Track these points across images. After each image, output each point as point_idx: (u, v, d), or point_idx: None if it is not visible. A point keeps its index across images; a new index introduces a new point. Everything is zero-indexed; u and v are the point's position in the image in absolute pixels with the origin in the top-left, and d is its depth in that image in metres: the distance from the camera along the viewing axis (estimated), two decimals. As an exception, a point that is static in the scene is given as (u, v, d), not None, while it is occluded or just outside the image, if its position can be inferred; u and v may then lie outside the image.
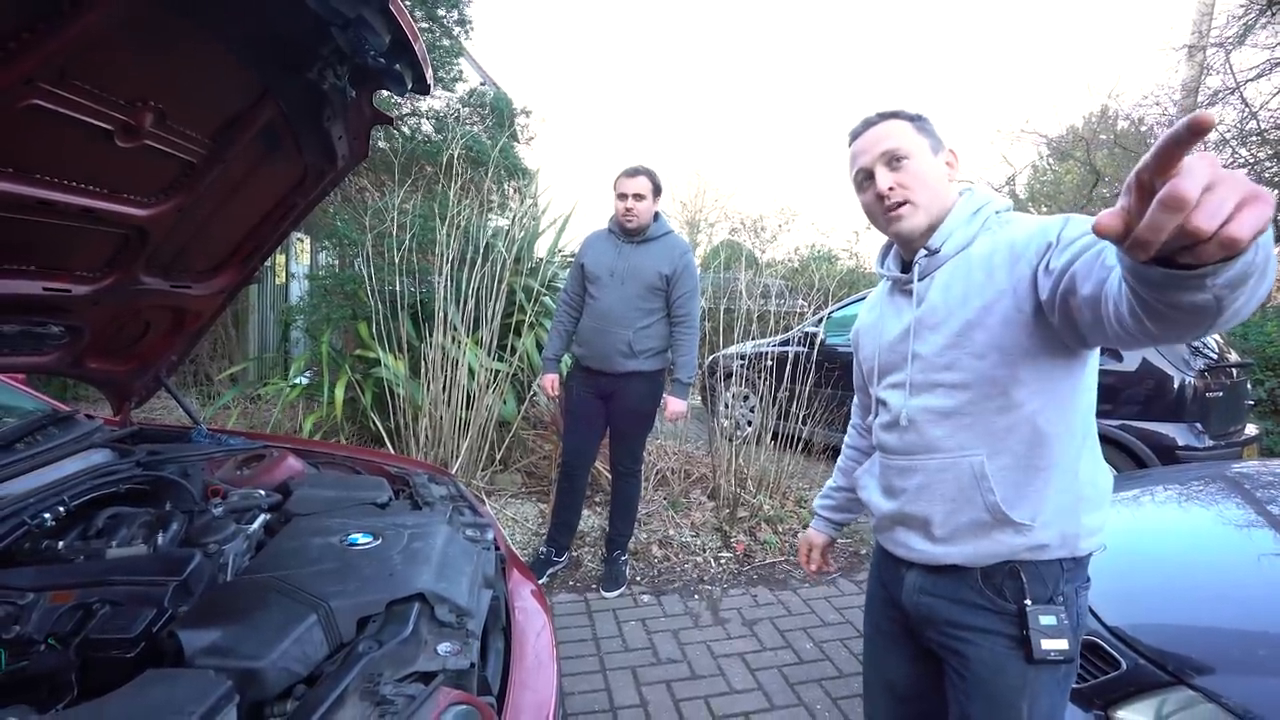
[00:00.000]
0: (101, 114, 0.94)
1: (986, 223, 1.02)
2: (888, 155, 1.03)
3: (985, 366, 0.95)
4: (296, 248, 5.72)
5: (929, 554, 1.03)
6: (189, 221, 1.30)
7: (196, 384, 5.25)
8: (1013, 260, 0.93)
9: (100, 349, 1.50)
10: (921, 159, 1.03)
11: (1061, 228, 0.88)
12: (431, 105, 4.87)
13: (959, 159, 1.08)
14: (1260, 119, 6.98)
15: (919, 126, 1.04)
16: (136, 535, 1.12)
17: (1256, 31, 6.61)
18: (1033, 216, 0.98)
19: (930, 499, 1.02)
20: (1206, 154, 0.56)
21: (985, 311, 0.94)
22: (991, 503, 0.96)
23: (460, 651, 0.92)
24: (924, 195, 1.03)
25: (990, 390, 0.95)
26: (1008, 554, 0.97)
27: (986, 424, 0.96)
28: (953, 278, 1.01)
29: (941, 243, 1.02)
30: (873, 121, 1.06)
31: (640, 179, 2.48)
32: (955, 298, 0.99)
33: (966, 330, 0.96)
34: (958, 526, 1.00)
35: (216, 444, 1.60)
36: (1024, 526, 0.95)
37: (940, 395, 1.00)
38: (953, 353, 0.99)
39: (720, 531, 3.28)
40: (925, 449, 1.03)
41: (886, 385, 1.11)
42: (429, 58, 1.21)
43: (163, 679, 0.73)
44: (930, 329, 1.02)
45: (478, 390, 3.26)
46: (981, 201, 1.04)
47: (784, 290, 5.16)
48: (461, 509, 1.49)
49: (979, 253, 0.99)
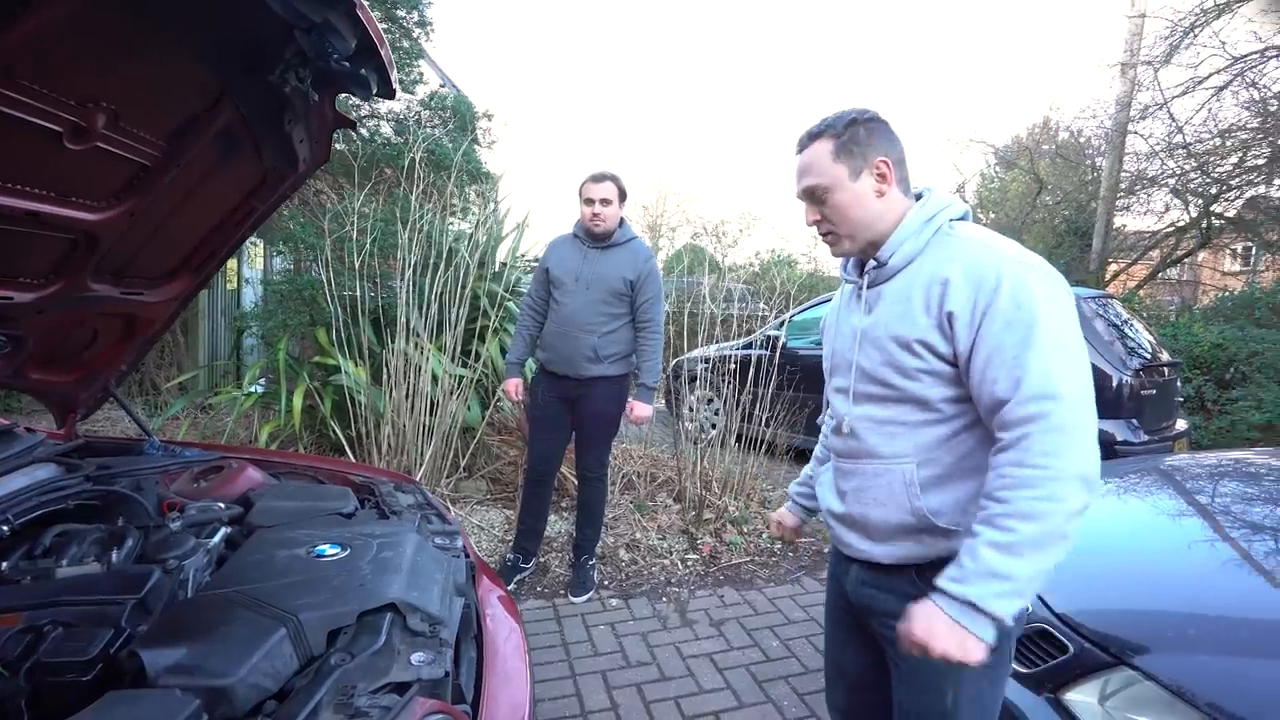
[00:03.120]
0: (50, 115, 0.90)
1: (939, 231, 1.02)
2: (807, 192, 1.05)
3: (916, 387, 0.99)
4: (250, 252, 5.54)
5: (867, 553, 1.08)
6: (142, 226, 1.25)
7: (142, 393, 5.02)
8: (937, 305, 0.96)
9: (44, 359, 1.43)
10: (839, 190, 1.03)
11: (978, 328, 0.92)
12: (391, 108, 4.78)
13: (893, 166, 1.04)
14: (1186, 133, 7.43)
15: (840, 147, 1.02)
16: (88, 553, 1.07)
17: (1181, 52, 7.04)
18: (976, 245, 0.97)
19: (866, 502, 1.06)
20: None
21: (916, 340, 0.98)
22: (918, 509, 1.00)
23: (434, 661, 0.92)
24: (845, 226, 1.05)
25: (920, 406, 1.00)
26: (937, 554, 1.00)
27: (917, 435, 1.01)
28: (897, 294, 1.02)
29: (889, 255, 1.03)
30: (801, 145, 1.07)
31: (607, 184, 2.49)
32: (894, 316, 1.01)
33: (900, 350, 1.00)
34: (889, 529, 1.04)
35: (171, 456, 1.55)
36: (950, 532, 0.98)
37: (876, 405, 1.04)
38: (886, 370, 1.02)
39: (686, 534, 3.31)
40: (865, 454, 1.06)
41: (834, 388, 1.15)
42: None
43: (126, 700, 0.71)
44: (871, 342, 1.05)
45: (441, 396, 3.21)
46: (935, 209, 1.03)
47: (746, 294, 5.24)
48: (429, 517, 1.47)
49: (923, 271, 0.99)
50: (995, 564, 0.85)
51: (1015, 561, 0.85)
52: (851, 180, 1.02)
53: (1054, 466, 0.84)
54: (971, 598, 0.86)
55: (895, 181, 1.04)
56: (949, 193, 1.07)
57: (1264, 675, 1.15)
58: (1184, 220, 8.56)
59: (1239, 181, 7.61)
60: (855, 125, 1.03)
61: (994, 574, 0.85)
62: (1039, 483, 0.85)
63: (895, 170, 1.04)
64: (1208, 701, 1.08)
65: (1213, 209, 8.13)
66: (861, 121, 1.03)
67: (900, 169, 1.05)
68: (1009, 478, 0.87)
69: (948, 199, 1.05)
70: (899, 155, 1.05)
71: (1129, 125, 7.99)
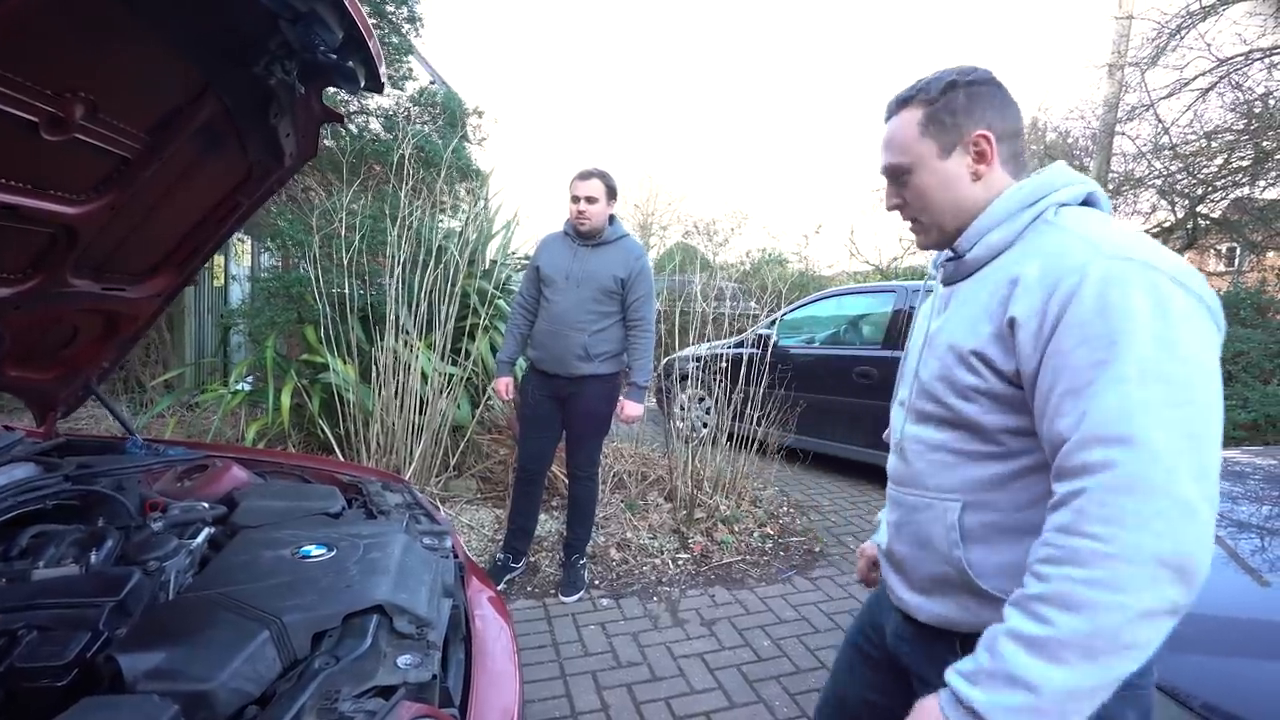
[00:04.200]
0: (25, 104, 0.88)
1: (1039, 219, 0.80)
2: (887, 170, 0.89)
3: (970, 410, 0.80)
4: (236, 249, 5.48)
5: (907, 604, 0.90)
6: (123, 220, 1.23)
7: (127, 391, 4.95)
8: (1000, 309, 0.76)
9: (22, 356, 1.40)
10: (923, 171, 0.85)
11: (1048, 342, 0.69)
12: (380, 103, 4.74)
13: (997, 142, 0.83)
14: (1172, 134, 7.50)
15: (931, 117, 0.84)
16: (66, 555, 1.05)
17: (1167, 54, 7.11)
18: (1071, 237, 0.74)
19: (905, 540, 0.90)
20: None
21: (972, 351, 0.78)
22: (957, 560, 0.80)
23: (421, 663, 0.90)
24: (930, 214, 0.88)
25: (975, 434, 0.80)
26: (982, 624, 0.75)
27: (968, 469, 0.81)
28: (971, 293, 0.83)
29: (968, 246, 0.84)
30: (889, 111, 0.89)
31: (593, 181, 2.47)
32: (962, 320, 0.82)
33: (956, 363, 0.81)
34: (926, 578, 0.86)
35: (154, 455, 1.52)
36: (996, 601, 0.76)
37: (929, 427, 0.86)
38: (940, 385, 0.83)
39: (678, 533, 3.30)
40: (908, 481, 0.90)
41: (897, 400, 0.97)
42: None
43: (102, 706, 0.69)
44: (932, 350, 0.86)
45: (431, 395, 3.18)
46: (1038, 190, 0.81)
47: (737, 293, 5.24)
48: (418, 516, 1.45)
49: (1005, 267, 0.79)
50: (1016, 666, 0.63)
51: (1045, 668, 0.62)
52: (940, 158, 0.84)
53: (1118, 540, 0.61)
54: (977, 706, 0.65)
55: (1000, 161, 0.84)
56: (1067, 169, 0.83)
57: (1257, 676, 1.16)
58: (1170, 221, 8.65)
59: (1224, 183, 7.70)
60: (954, 90, 0.83)
61: (1011, 679, 0.64)
62: (1091, 560, 0.61)
63: (1000, 146, 0.83)
64: (1202, 703, 1.08)
65: (1198, 210, 8.23)
66: (963, 84, 0.83)
67: (1009, 144, 0.84)
68: (1053, 547, 0.65)
69: (1059, 177, 0.82)
70: (1009, 127, 0.85)
71: (1116, 126, 8.06)
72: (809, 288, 7.30)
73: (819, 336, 5.13)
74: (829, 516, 3.86)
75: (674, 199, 19.95)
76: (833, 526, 3.70)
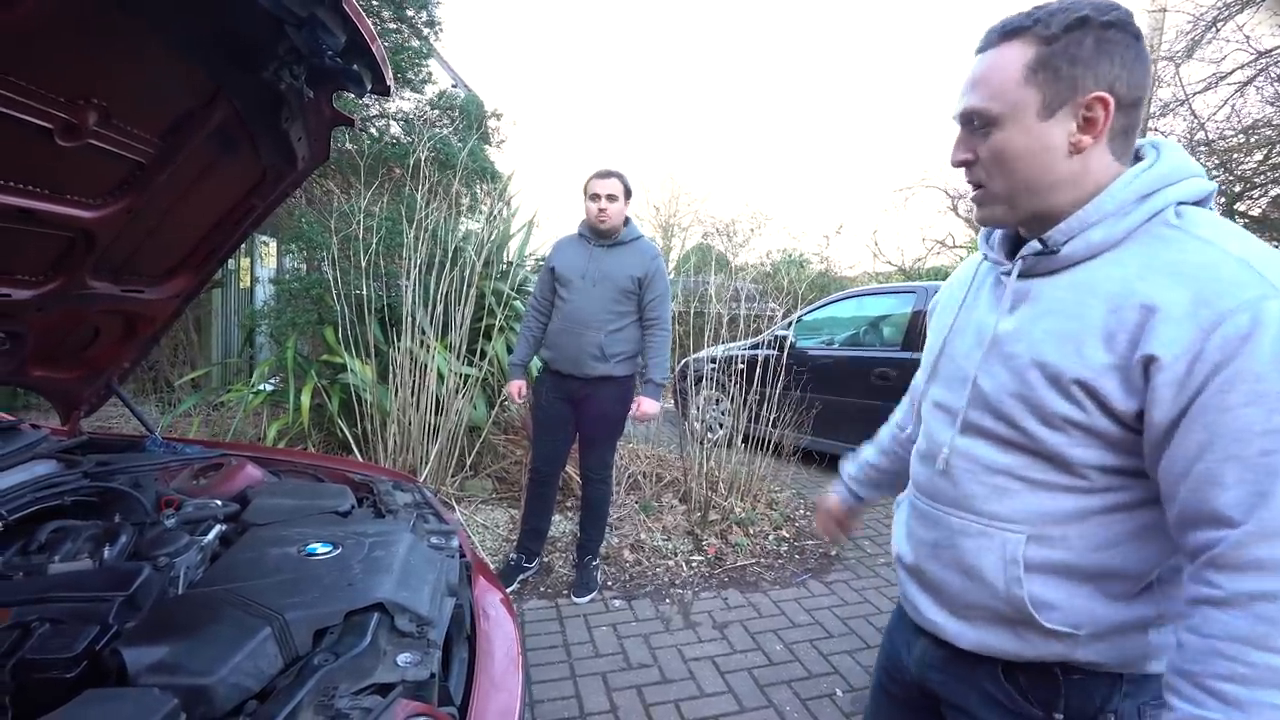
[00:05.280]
0: (39, 111, 0.90)
1: (1158, 218, 0.66)
2: (970, 115, 0.71)
3: (1055, 440, 0.68)
4: (261, 251, 5.60)
5: (940, 628, 0.81)
6: (140, 224, 1.26)
7: (156, 391, 5.09)
8: (1129, 339, 0.62)
9: (45, 356, 1.45)
10: (1014, 127, 0.68)
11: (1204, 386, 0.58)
12: (400, 107, 4.81)
13: (1116, 110, 0.66)
14: (1208, 130, 7.28)
15: (1044, 60, 0.66)
16: (82, 550, 1.08)
17: (1203, 47, 6.90)
18: (1219, 256, 0.61)
19: (943, 563, 0.79)
20: None
21: (1076, 380, 0.66)
22: (1017, 598, 0.71)
23: (420, 662, 0.91)
24: (1003, 182, 0.71)
25: (1055, 465, 0.69)
26: (1038, 656, 0.72)
27: (1039, 499, 0.71)
28: (1064, 300, 0.69)
29: (1066, 238, 0.69)
30: (987, 41, 0.71)
31: (613, 180, 2.48)
32: (1049, 332, 0.69)
33: (1046, 386, 0.68)
34: (970, 606, 0.76)
35: (171, 453, 1.55)
36: (1062, 635, 0.70)
37: (989, 445, 0.74)
38: (1016, 405, 0.71)
39: (692, 535, 3.28)
40: (953, 503, 0.78)
41: (934, 402, 0.84)
42: (396, 59, 1.20)
43: (103, 699, 0.70)
44: (1002, 358, 0.73)
45: (447, 395, 3.22)
46: (1156, 181, 0.66)
47: (755, 294, 5.21)
48: (426, 516, 1.46)
49: (1114, 278, 0.65)
50: None
51: None
52: (1040, 117, 0.67)
53: None
54: None
55: (1110, 134, 0.67)
56: (1183, 155, 0.70)
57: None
58: (1206, 219, 8.38)
59: (1263, 179, 7.44)
60: (1083, 29, 0.65)
61: None
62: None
63: (1117, 117, 0.66)
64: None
65: (1236, 207, 7.96)
66: (1097, 24, 0.65)
67: (1126, 116, 0.67)
68: (1239, 663, 0.54)
69: (1181, 167, 0.68)
70: (1134, 94, 0.67)
71: (1150, 122, 7.84)
72: (829, 288, 7.23)
73: (838, 338, 5.07)
74: (846, 520, 3.81)
75: (695, 200, 19.93)
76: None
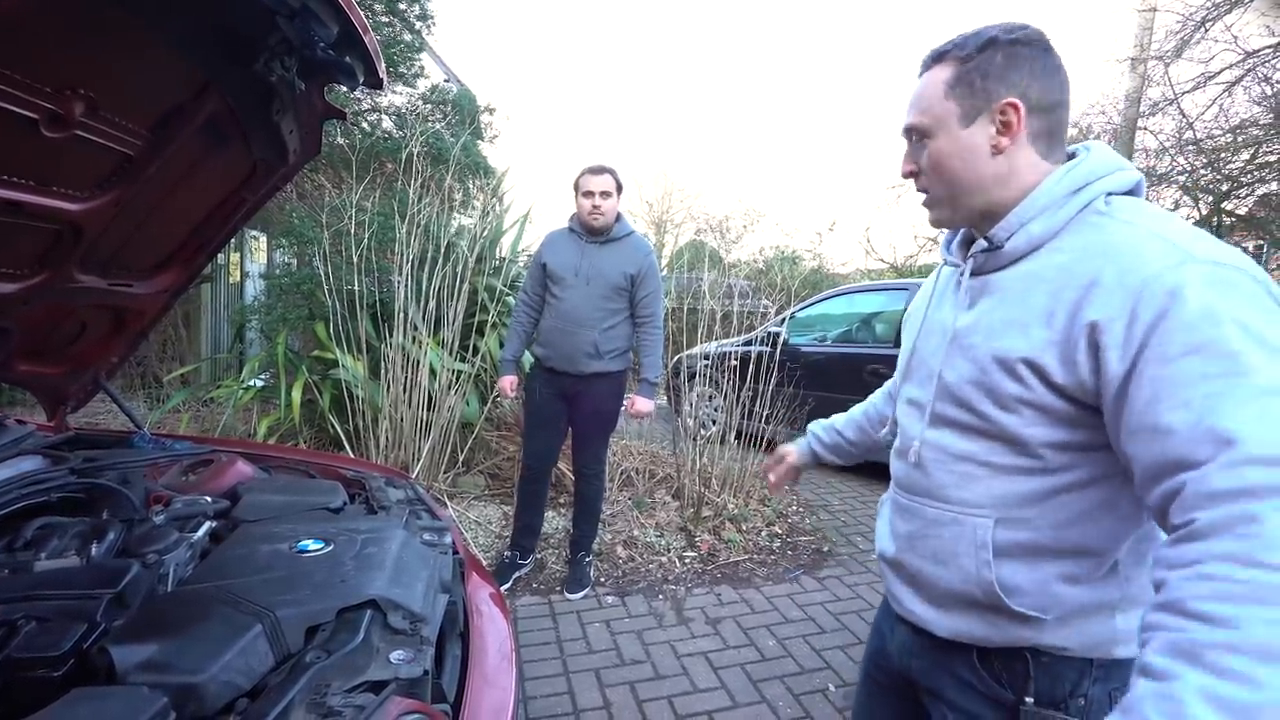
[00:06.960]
0: (24, 101, 0.88)
1: (1089, 209, 0.72)
2: (909, 130, 0.81)
3: (1010, 421, 0.73)
4: (251, 246, 5.55)
5: (919, 617, 0.85)
6: (129, 217, 1.24)
7: (145, 386, 5.04)
8: (1068, 313, 0.68)
9: (31, 351, 1.43)
10: (943, 137, 0.77)
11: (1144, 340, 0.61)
12: (393, 101, 4.77)
13: (1027, 113, 0.74)
14: (1196, 129, 7.35)
15: (960, 77, 0.76)
16: (68, 547, 1.06)
17: (1192, 46, 6.95)
18: (1143, 235, 0.67)
19: (922, 554, 0.84)
20: None
21: (1022, 359, 0.71)
22: (986, 581, 0.75)
23: (414, 659, 0.90)
24: (941, 186, 0.80)
25: (1012, 447, 0.74)
26: (1009, 641, 0.77)
27: (1002, 483, 0.75)
28: (1011, 291, 0.75)
29: (1008, 234, 0.76)
30: (923, 67, 0.81)
31: (606, 176, 2.47)
32: (1000, 321, 0.75)
33: (998, 371, 0.73)
34: (943, 593, 0.81)
35: (160, 449, 1.54)
36: (1029, 619, 0.75)
37: (954, 434, 0.80)
38: (974, 391, 0.76)
39: (685, 531, 3.29)
40: (929, 493, 0.83)
41: (907, 399, 0.90)
42: (388, 53, 1.18)
43: (91, 697, 0.69)
44: (962, 350, 0.79)
45: (439, 391, 3.20)
46: (1086, 176, 0.73)
47: (748, 290, 5.21)
48: (419, 512, 1.46)
49: (1053, 265, 0.72)
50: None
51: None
52: (961, 125, 0.76)
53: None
54: None
55: (1029, 136, 0.75)
56: (1109, 153, 0.77)
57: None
58: (1194, 218, 8.45)
59: (1250, 179, 7.51)
60: (992, 48, 0.75)
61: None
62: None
63: (1030, 119, 0.74)
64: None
65: (1224, 206, 8.04)
66: (1004, 43, 0.74)
67: (1042, 118, 0.75)
68: (1228, 582, 0.52)
69: (1107, 162, 0.75)
70: (1046, 99, 0.75)
71: (1139, 121, 7.89)
72: (822, 285, 7.25)
73: (830, 334, 5.09)
74: (838, 516, 3.83)
75: (688, 196, 19.91)
76: (842, 526, 3.66)
